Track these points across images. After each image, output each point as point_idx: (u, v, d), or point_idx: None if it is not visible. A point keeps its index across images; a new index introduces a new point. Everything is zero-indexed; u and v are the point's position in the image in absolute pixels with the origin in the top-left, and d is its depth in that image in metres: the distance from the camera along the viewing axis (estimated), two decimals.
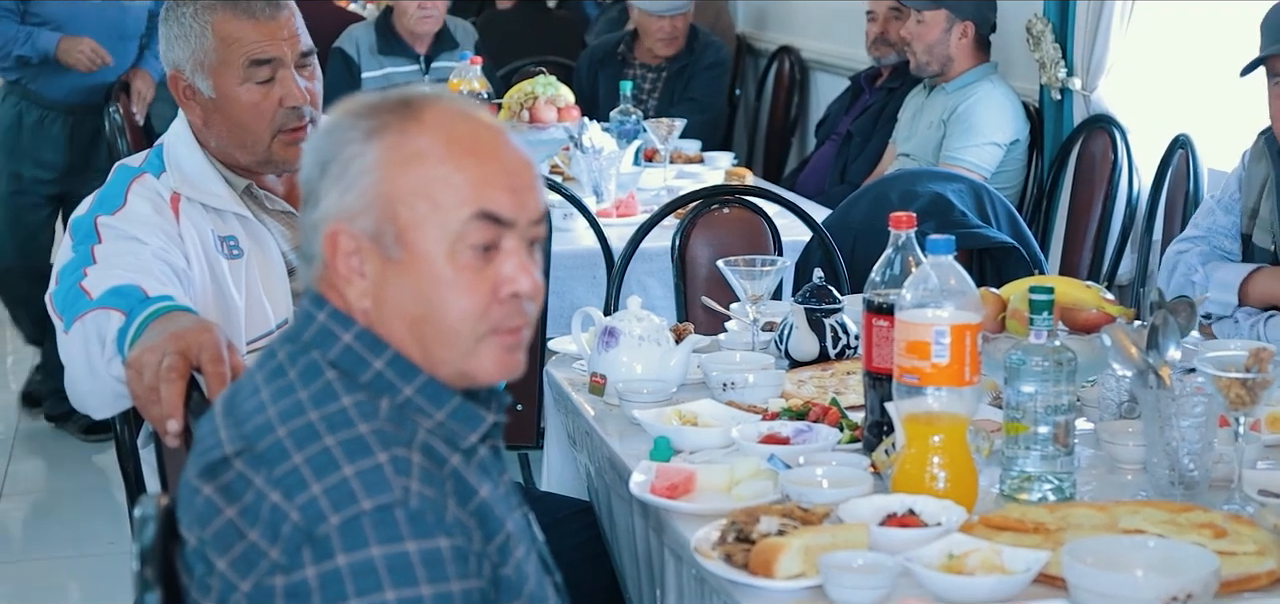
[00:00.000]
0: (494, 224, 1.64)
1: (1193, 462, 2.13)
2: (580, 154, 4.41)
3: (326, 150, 1.67)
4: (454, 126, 1.66)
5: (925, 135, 4.87)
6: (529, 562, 1.69)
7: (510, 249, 1.66)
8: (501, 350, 1.68)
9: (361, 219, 1.64)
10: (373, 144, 1.64)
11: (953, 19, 4.82)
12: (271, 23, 2.51)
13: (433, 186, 1.63)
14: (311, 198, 1.68)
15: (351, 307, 1.67)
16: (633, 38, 6.25)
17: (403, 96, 1.68)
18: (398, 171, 1.63)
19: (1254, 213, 3.16)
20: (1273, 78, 3.07)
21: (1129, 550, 1.88)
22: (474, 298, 1.65)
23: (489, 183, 1.64)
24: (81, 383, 2.31)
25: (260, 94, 2.51)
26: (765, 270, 2.83)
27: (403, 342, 1.66)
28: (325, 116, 1.73)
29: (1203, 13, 4.41)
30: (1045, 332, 2.11)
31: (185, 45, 2.52)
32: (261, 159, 2.54)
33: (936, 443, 2.07)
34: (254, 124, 2.51)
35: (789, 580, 1.87)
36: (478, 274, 1.64)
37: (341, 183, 1.65)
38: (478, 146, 1.65)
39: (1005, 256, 3.82)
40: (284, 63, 2.51)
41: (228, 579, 1.58)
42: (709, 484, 2.17)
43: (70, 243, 2.42)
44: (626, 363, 2.63)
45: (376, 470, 1.56)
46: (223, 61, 2.50)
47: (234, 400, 1.68)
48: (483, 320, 1.66)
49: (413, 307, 1.65)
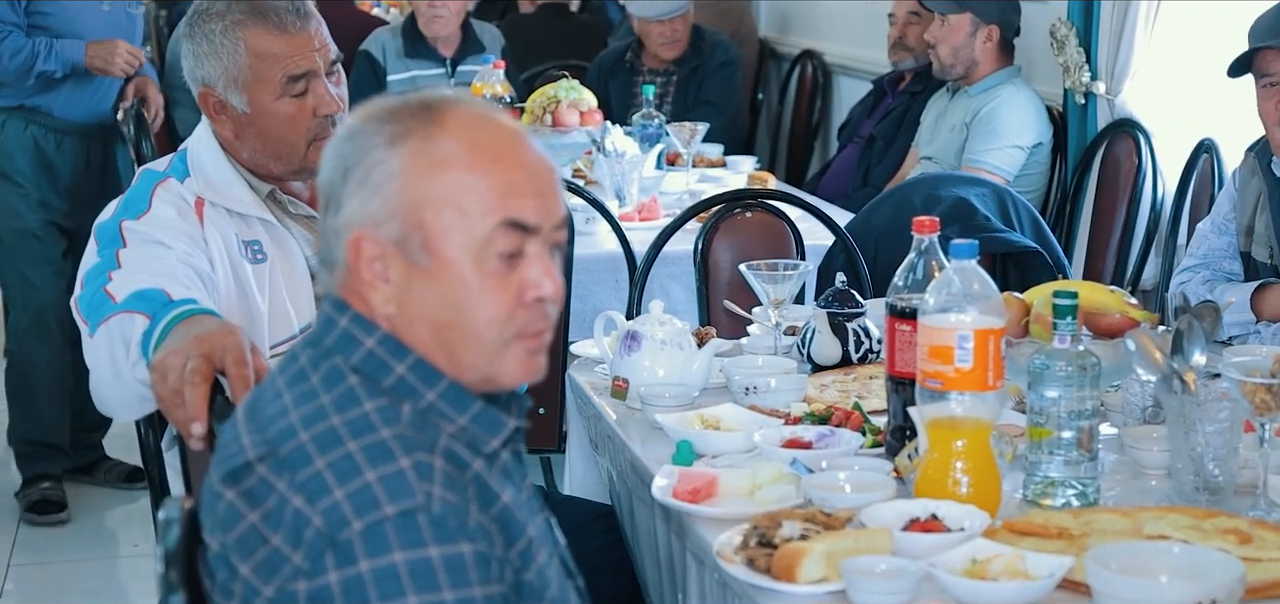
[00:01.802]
0: (520, 231, 1.65)
1: (1218, 467, 2.12)
2: (603, 158, 4.41)
3: (349, 156, 1.67)
4: (477, 131, 1.66)
5: (948, 139, 4.86)
6: (551, 566, 1.69)
7: (534, 254, 1.66)
8: (525, 354, 1.68)
9: (386, 225, 1.64)
10: (396, 150, 1.64)
11: (978, 22, 4.81)
12: (302, 35, 2.52)
13: (459, 193, 1.63)
14: (333, 203, 1.68)
15: (375, 312, 1.67)
16: (639, 45, 6.23)
17: (423, 100, 1.68)
18: (423, 178, 1.64)
19: (1249, 229, 3.16)
20: (1261, 78, 3.06)
21: (1153, 556, 1.87)
22: (500, 303, 1.65)
23: (514, 190, 1.65)
24: (106, 386, 2.32)
25: (296, 107, 2.52)
26: (788, 274, 2.83)
27: (427, 346, 1.66)
28: (344, 121, 1.73)
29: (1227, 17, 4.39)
30: (1069, 336, 2.10)
31: (216, 62, 2.52)
32: (297, 168, 2.56)
33: (960, 448, 2.06)
34: (291, 136, 2.53)
35: (811, 585, 1.87)
36: (503, 280, 1.65)
37: (365, 189, 1.65)
38: (502, 152, 1.66)
39: (1029, 261, 3.81)
40: (317, 73, 2.53)
41: (250, 584, 1.59)
42: (731, 488, 2.17)
43: (95, 247, 2.43)
44: (649, 367, 2.63)
45: (399, 476, 1.56)
46: (258, 77, 2.50)
47: (256, 405, 1.68)
48: (508, 325, 1.66)
49: (438, 312, 1.65)
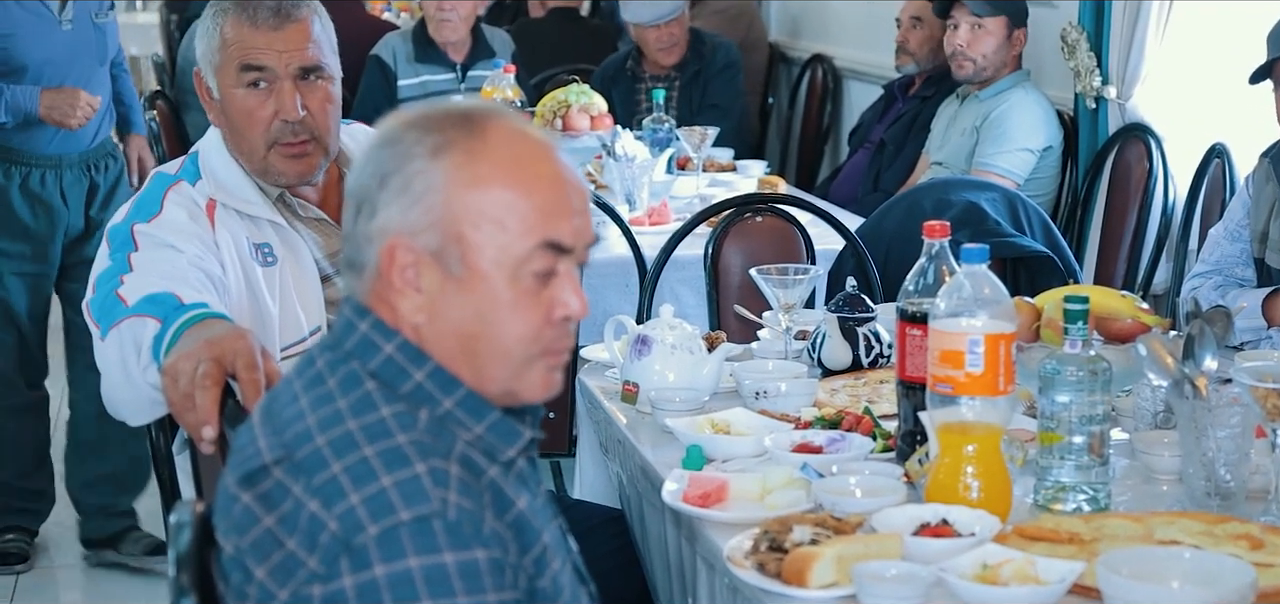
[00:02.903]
0: (556, 252, 1.66)
1: (1229, 472, 2.12)
2: (613, 162, 4.41)
3: (387, 163, 1.67)
4: (518, 147, 1.67)
5: (958, 143, 4.85)
6: (564, 573, 1.69)
7: (565, 273, 1.68)
8: (546, 371, 1.70)
9: (424, 235, 1.65)
10: (439, 162, 1.65)
11: (1011, 26, 4.80)
12: (273, 33, 2.51)
13: (501, 210, 1.64)
14: (366, 208, 1.67)
15: (400, 319, 1.67)
16: (639, 52, 6.22)
17: (463, 112, 1.68)
18: (465, 191, 1.64)
19: (1264, 236, 3.15)
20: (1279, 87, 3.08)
21: (1165, 562, 1.87)
22: (530, 320, 1.66)
23: (554, 212, 1.66)
24: (118, 390, 2.32)
25: (255, 101, 2.52)
26: (798, 279, 2.83)
27: (451, 356, 1.67)
28: (380, 127, 1.73)
29: (1239, 21, 4.38)
30: (1080, 341, 2.10)
31: (204, 42, 2.56)
32: (258, 168, 2.55)
33: (970, 453, 2.06)
34: (248, 130, 2.53)
35: (822, 590, 1.87)
36: (535, 297, 1.66)
37: (405, 197, 1.65)
38: (543, 172, 1.67)
39: (1040, 266, 3.81)
40: (276, 74, 2.51)
41: (266, 587, 1.59)
42: (742, 493, 2.17)
43: (107, 250, 2.44)
44: (659, 371, 2.63)
45: (415, 481, 1.57)
46: (224, 62, 2.53)
47: (273, 408, 1.68)
48: (536, 342, 1.67)
49: (468, 324, 1.66)
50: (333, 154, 2.60)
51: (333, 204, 2.65)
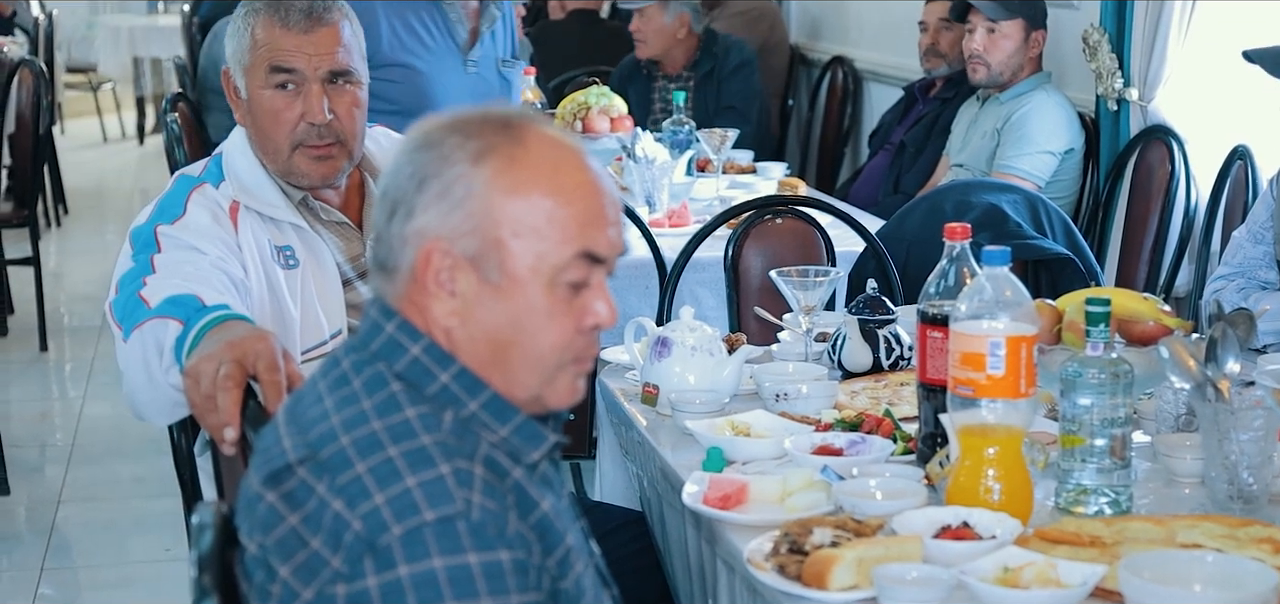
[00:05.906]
0: (592, 262, 1.67)
1: (1252, 476, 2.11)
2: (633, 164, 4.41)
3: (426, 166, 1.67)
4: (558, 156, 1.67)
5: (979, 146, 4.85)
6: (587, 575, 1.70)
7: (597, 283, 1.69)
8: (573, 378, 1.71)
9: (463, 240, 1.65)
10: (481, 167, 1.65)
11: (1029, 28, 4.79)
12: (303, 35, 2.53)
13: (540, 218, 1.65)
14: (402, 210, 1.67)
15: (431, 322, 1.68)
16: None
17: (503, 117, 1.68)
18: (506, 198, 1.65)
19: None
20: None
21: (1187, 565, 1.86)
22: (562, 329, 1.67)
23: (592, 222, 1.67)
24: (140, 392, 2.33)
25: (283, 102, 2.53)
26: (818, 281, 2.83)
27: (482, 362, 1.67)
28: (414, 130, 1.72)
29: (1261, 23, 4.37)
30: (1102, 344, 2.09)
31: (233, 42, 2.58)
32: (282, 169, 2.56)
33: (991, 455, 2.06)
34: (274, 131, 2.54)
35: (842, 592, 1.87)
36: (568, 305, 1.67)
37: (445, 201, 1.65)
38: (582, 182, 1.68)
39: (1061, 268, 3.79)
40: (305, 77, 2.53)
41: (290, 586, 1.59)
42: (762, 495, 2.17)
43: (130, 252, 2.45)
44: (679, 373, 2.63)
45: (439, 482, 1.57)
46: (253, 63, 2.55)
47: (297, 408, 1.69)
48: (567, 351, 1.68)
49: (503, 331, 1.67)
50: (356, 158, 2.61)
51: (354, 208, 2.66)
